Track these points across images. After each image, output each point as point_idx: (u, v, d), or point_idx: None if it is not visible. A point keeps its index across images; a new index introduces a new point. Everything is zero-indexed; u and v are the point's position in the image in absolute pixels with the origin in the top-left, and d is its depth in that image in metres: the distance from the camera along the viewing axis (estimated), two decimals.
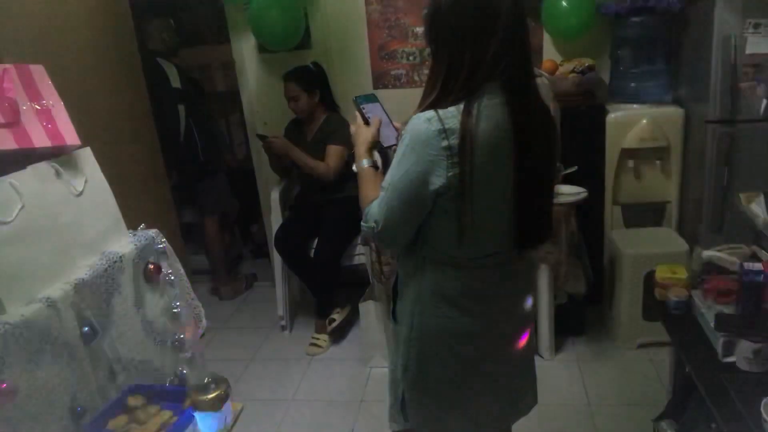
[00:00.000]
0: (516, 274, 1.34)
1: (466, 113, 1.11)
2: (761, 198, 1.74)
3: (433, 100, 1.17)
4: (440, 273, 1.26)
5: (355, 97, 1.40)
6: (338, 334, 3.00)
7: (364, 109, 1.37)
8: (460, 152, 1.10)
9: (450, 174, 1.12)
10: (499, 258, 1.27)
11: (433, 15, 1.18)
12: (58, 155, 1.45)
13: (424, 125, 1.12)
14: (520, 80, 1.16)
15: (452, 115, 1.12)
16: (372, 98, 1.42)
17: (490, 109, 1.13)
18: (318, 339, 2.95)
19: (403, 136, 1.17)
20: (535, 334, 2.62)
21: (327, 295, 2.96)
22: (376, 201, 1.21)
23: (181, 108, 3.22)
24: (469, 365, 1.32)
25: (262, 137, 3.00)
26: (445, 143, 1.11)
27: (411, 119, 1.16)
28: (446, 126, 1.11)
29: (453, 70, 1.15)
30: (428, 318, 1.28)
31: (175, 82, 3.20)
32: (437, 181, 1.13)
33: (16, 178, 1.29)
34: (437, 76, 1.18)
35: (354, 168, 1.36)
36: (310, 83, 2.86)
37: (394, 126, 1.38)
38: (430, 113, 1.13)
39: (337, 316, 2.94)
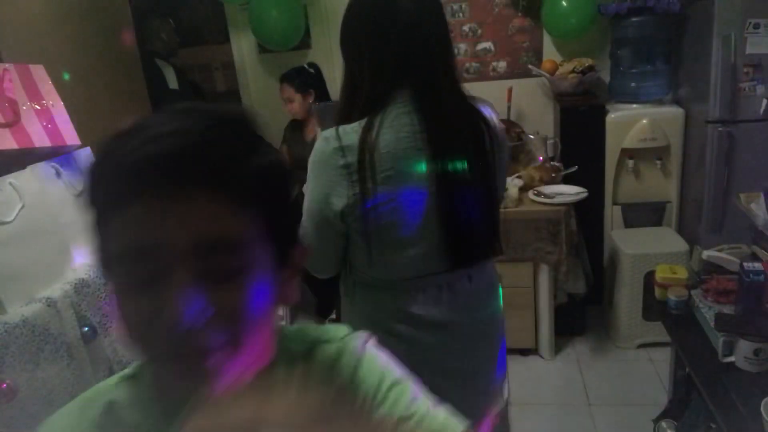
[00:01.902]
0: (465, 299, 1.19)
1: (367, 127, 1.04)
2: (761, 198, 1.74)
3: (341, 116, 1.11)
4: (370, 296, 1.19)
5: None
6: None
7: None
8: (360, 169, 1.03)
9: (351, 193, 1.05)
10: (436, 279, 1.15)
11: (341, 27, 1.13)
12: (58, 155, 1.45)
13: (322, 144, 1.07)
14: (427, 84, 1.07)
15: (352, 130, 1.05)
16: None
17: (396, 119, 1.05)
18: None
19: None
20: (535, 336, 2.64)
21: (327, 294, 2.96)
22: None
23: None
24: None
25: None
26: (342, 161, 1.04)
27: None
28: (343, 143, 1.04)
29: (355, 81, 1.10)
30: None
31: (173, 84, 3.19)
32: (339, 201, 1.06)
33: (16, 178, 1.29)
34: (342, 89, 1.13)
35: (304, 188, 1.34)
36: (304, 84, 2.85)
37: None
38: (330, 131, 1.07)
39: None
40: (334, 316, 2.95)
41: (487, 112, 1.16)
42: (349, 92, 1.12)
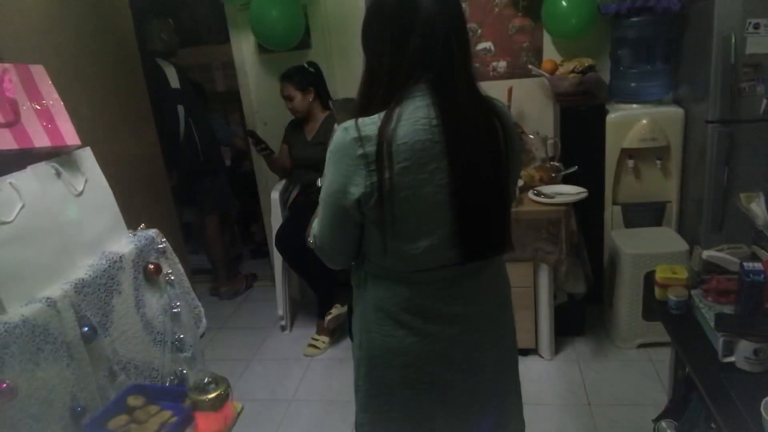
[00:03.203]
0: (474, 293, 1.23)
1: (386, 119, 1.06)
2: (761, 198, 1.74)
3: (360, 108, 1.13)
4: (381, 288, 1.20)
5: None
6: (338, 335, 3.00)
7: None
8: (377, 159, 1.05)
9: (368, 183, 1.07)
10: (446, 272, 1.17)
11: (364, 21, 1.15)
12: (58, 155, 1.45)
13: (341, 135, 1.09)
14: (445, 78, 1.09)
15: (371, 122, 1.07)
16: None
17: (414, 112, 1.07)
18: (317, 340, 2.95)
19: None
20: (535, 336, 2.64)
21: (328, 292, 2.96)
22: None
23: (180, 108, 3.23)
24: (420, 390, 1.24)
25: (254, 137, 3.02)
26: (360, 151, 1.06)
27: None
28: (362, 134, 1.06)
29: (375, 73, 1.12)
30: (373, 336, 1.23)
31: (174, 83, 3.20)
32: (356, 190, 1.08)
33: (16, 178, 1.29)
34: (362, 82, 1.15)
35: (319, 182, 1.31)
36: (304, 82, 2.86)
37: None
38: (350, 122, 1.09)
39: (335, 310, 2.92)
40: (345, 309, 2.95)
41: (502, 110, 1.19)
42: (368, 85, 1.14)
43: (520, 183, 2.52)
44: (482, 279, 1.23)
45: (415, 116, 1.07)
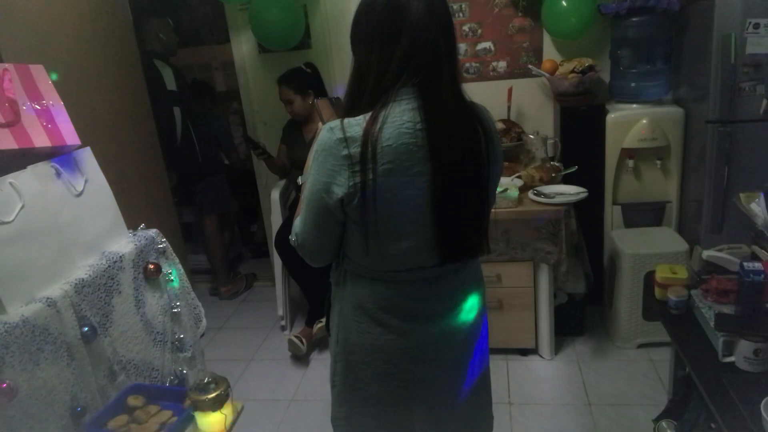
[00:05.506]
0: (450, 293, 1.25)
1: (371, 120, 1.07)
2: (761, 198, 1.74)
3: (346, 108, 1.14)
4: (360, 286, 1.22)
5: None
6: (322, 346, 2.96)
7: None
8: (361, 160, 1.06)
9: (351, 183, 1.07)
10: (425, 273, 1.19)
11: (354, 20, 1.16)
12: (58, 155, 1.45)
13: (327, 135, 1.09)
14: (432, 83, 1.09)
15: (357, 123, 1.08)
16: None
17: (400, 115, 1.08)
18: (302, 342, 2.83)
19: (313, 147, 1.14)
20: (535, 336, 2.64)
21: (321, 299, 2.92)
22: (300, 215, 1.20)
23: (177, 110, 3.21)
24: (396, 386, 1.26)
25: (252, 142, 3.02)
26: (345, 152, 1.07)
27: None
28: (347, 134, 1.07)
29: (363, 75, 1.12)
30: (350, 333, 1.25)
31: (171, 85, 3.18)
32: (339, 190, 1.09)
33: (16, 178, 1.29)
34: (350, 82, 1.16)
35: (299, 180, 1.32)
36: (303, 85, 2.85)
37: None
38: (335, 122, 1.10)
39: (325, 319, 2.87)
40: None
41: (485, 115, 1.20)
42: (356, 86, 1.14)
43: (520, 183, 2.52)
44: (459, 280, 1.25)
45: (400, 119, 1.08)
